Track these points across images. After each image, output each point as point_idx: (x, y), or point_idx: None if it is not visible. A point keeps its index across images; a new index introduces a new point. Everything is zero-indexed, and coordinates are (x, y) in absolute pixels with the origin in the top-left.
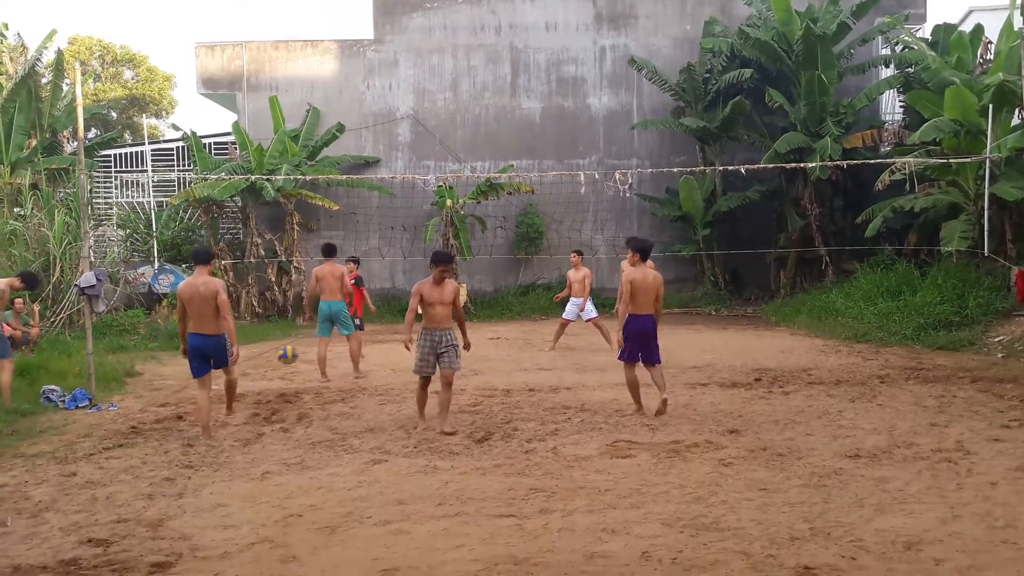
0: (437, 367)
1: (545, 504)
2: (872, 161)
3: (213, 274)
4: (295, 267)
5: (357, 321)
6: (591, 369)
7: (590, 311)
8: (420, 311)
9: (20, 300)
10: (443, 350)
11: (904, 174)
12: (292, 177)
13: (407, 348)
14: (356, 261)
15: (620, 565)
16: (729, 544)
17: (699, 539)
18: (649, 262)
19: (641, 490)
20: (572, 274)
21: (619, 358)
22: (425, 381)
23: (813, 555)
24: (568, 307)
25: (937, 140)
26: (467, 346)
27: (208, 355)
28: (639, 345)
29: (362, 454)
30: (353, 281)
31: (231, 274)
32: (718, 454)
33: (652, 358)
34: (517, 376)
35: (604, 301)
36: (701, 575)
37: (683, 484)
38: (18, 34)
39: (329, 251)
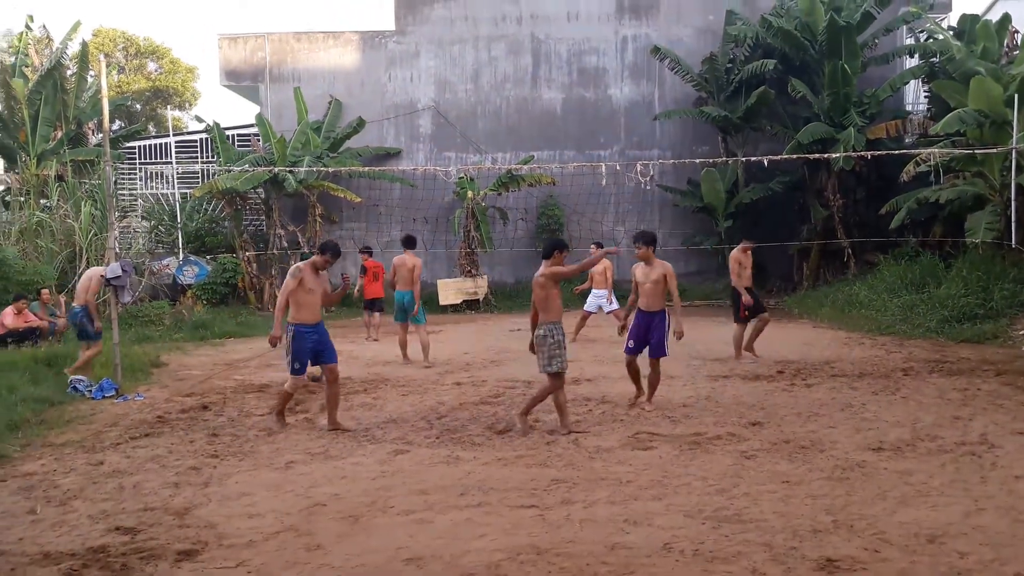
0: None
1: (567, 495)
2: (896, 152)
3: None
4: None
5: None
6: (612, 361)
7: (612, 303)
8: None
9: (46, 291)
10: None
11: (929, 165)
12: (314, 169)
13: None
14: (368, 251)
15: (642, 556)
16: (751, 536)
17: (721, 531)
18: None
19: (663, 482)
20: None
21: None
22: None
23: (836, 547)
24: (589, 299)
25: (961, 131)
26: None
27: None
28: None
29: (385, 444)
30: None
31: (255, 265)
32: (740, 446)
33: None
34: (538, 368)
35: (624, 293)
36: (723, 567)
37: (705, 476)
38: (43, 26)
39: (408, 243)
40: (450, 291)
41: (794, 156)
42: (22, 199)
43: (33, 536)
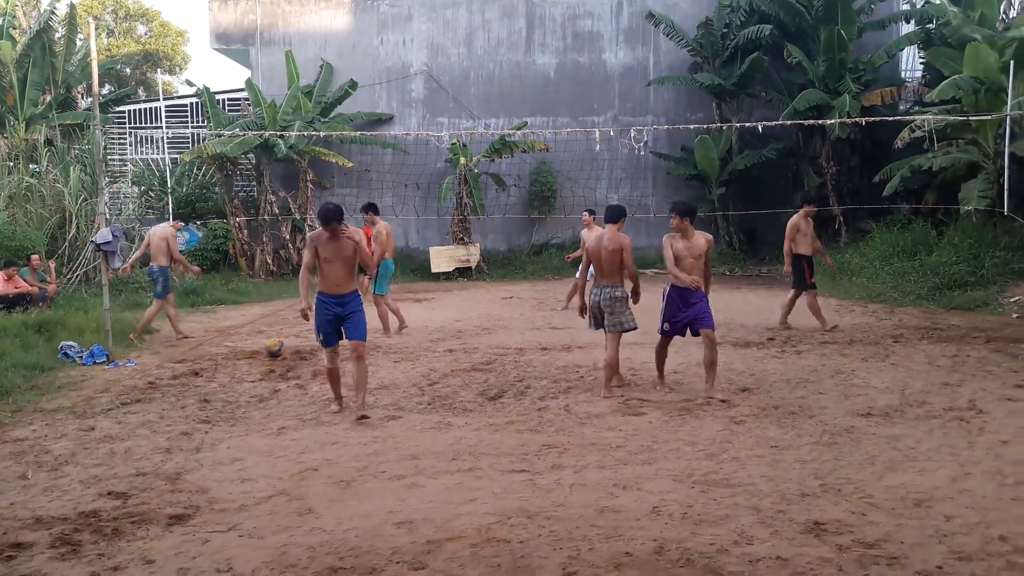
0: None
1: (557, 460)
2: (891, 119)
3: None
4: (309, 225)
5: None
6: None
7: None
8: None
9: (36, 256)
10: None
11: (923, 132)
12: (305, 134)
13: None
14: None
15: (631, 519)
16: (739, 499)
17: (709, 494)
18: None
19: (652, 447)
20: (585, 233)
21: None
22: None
23: (823, 510)
24: (581, 267)
25: (957, 98)
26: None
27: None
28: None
29: (377, 410)
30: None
31: (245, 232)
32: (730, 412)
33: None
34: (530, 335)
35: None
36: (711, 529)
37: (694, 441)
38: None
39: (375, 208)
40: (442, 258)
41: (788, 123)
42: (11, 164)
43: (24, 501)
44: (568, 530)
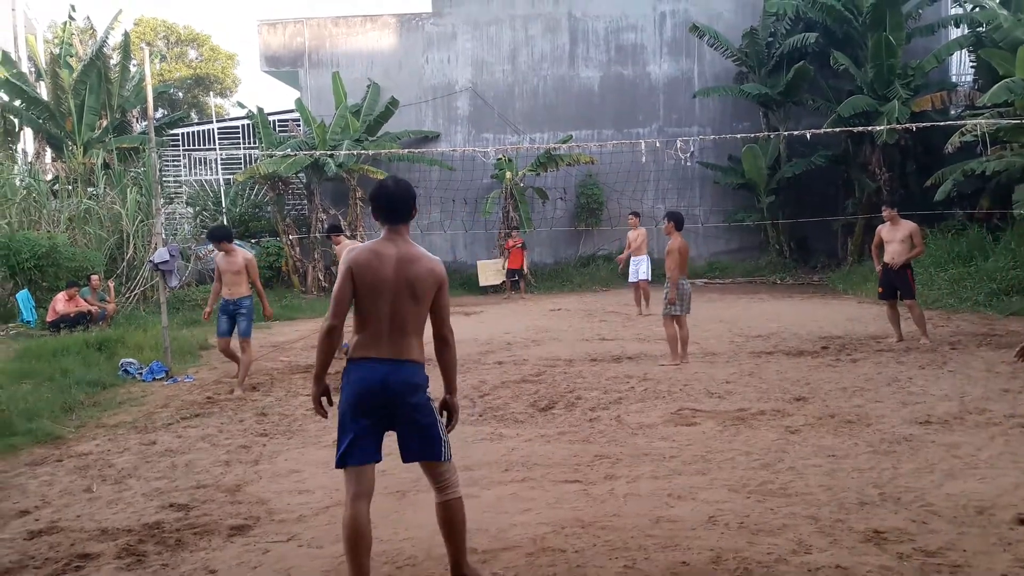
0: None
1: (610, 470)
2: (942, 123)
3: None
4: (361, 240)
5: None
6: (653, 339)
7: (640, 273)
8: None
9: (96, 276)
10: None
11: (975, 136)
12: (354, 152)
13: None
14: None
15: (687, 529)
16: (797, 509)
17: (766, 504)
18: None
19: (706, 457)
20: (632, 234)
21: None
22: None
23: (883, 519)
24: (631, 269)
25: (1009, 101)
26: None
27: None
28: None
29: None
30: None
31: (297, 249)
32: (785, 421)
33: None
34: (579, 346)
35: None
36: (768, 539)
37: (749, 451)
38: (87, 17)
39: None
40: (489, 271)
41: (837, 130)
42: (70, 187)
43: (91, 513)
44: (623, 540)
